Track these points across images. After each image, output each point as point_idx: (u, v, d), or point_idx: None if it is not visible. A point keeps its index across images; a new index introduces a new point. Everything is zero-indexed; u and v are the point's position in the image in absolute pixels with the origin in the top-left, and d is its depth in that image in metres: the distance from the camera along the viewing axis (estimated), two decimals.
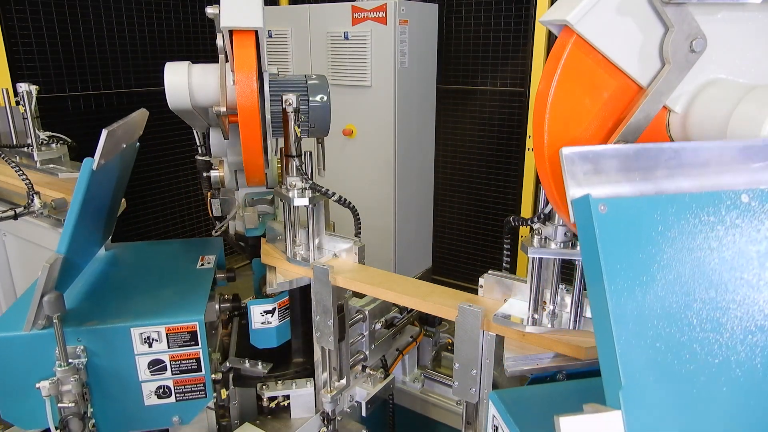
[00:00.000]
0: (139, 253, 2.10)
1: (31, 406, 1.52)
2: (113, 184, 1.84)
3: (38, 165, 2.61)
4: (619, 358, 0.75)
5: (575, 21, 0.99)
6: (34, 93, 2.61)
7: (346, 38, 4.09)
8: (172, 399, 1.65)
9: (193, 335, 1.61)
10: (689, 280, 0.81)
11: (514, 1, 4.04)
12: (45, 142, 2.69)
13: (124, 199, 2.14)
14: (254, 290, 2.22)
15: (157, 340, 1.59)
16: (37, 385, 1.46)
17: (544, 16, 1.05)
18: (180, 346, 1.61)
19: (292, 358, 2.01)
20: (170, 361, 1.62)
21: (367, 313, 1.85)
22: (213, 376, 1.68)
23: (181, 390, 1.65)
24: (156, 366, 1.61)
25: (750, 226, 0.84)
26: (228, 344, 2.04)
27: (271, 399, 1.89)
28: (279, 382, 1.91)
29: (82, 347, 1.54)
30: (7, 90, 2.82)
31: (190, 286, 1.80)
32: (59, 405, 1.49)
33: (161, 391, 1.63)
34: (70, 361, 1.50)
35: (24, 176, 1.93)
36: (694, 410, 0.79)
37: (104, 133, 1.50)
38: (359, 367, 1.97)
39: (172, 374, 1.63)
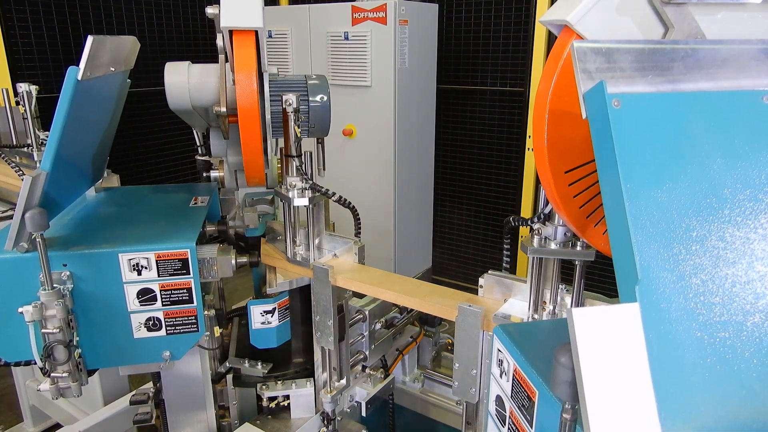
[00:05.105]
0: (130, 194, 2.06)
1: (14, 335, 1.45)
2: (102, 113, 1.74)
3: (38, 165, 2.60)
4: (636, 253, 0.75)
5: (575, 21, 0.99)
6: (34, 93, 2.60)
7: (346, 38, 4.09)
8: (163, 332, 1.56)
9: (185, 263, 1.52)
10: (706, 179, 0.79)
11: (514, 1, 4.04)
12: (45, 142, 2.69)
13: None
14: (254, 290, 2.22)
15: (146, 268, 1.50)
16: (20, 310, 1.38)
17: (544, 16, 1.05)
18: (171, 275, 1.52)
19: (292, 358, 2.01)
20: (160, 290, 1.53)
21: (367, 313, 1.85)
22: (206, 312, 1.59)
23: (171, 322, 1.56)
24: (145, 296, 1.52)
25: None
26: (228, 344, 2.04)
27: (271, 399, 1.89)
28: (279, 382, 1.91)
29: (67, 273, 1.45)
30: (7, 90, 2.81)
31: (183, 218, 1.73)
32: (43, 331, 1.41)
33: (151, 323, 1.55)
34: (54, 285, 1.42)
35: (24, 176, 1.92)
36: (710, 306, 0.77)
37: (90, 39, 1.39)
38: (359, 367, 1.97)
39: (163, 305, 1.54)
